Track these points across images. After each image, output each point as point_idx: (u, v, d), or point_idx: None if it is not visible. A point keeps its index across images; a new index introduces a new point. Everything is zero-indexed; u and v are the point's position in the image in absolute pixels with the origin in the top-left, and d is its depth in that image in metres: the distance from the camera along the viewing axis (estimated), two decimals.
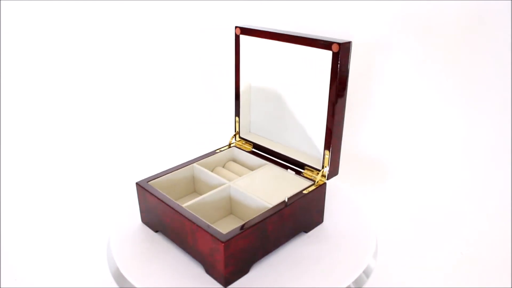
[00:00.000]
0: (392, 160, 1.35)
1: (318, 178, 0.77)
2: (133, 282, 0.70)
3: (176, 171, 0.83)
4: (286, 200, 0.72)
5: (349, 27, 1.27)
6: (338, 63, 0.69)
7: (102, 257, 1.02)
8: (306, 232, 0.80)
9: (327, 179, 0.78)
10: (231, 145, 0.93)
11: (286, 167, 0.85)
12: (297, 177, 0.82)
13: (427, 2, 1.20)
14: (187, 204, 0.74)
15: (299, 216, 0.76)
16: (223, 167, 0.92)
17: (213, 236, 0.64)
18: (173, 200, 0.73)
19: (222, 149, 0.92)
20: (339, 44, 0.68)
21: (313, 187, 0.76)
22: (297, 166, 0.84)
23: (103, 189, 1.32)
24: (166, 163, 0.90)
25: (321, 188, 0.78)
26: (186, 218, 0.68)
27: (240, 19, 1.30)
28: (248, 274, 0.70)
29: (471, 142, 1.31)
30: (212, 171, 0.89)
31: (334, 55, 0.69)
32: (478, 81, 1.27)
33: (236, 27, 0.84)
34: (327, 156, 0.76)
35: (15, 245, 1.12)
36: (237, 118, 0.92)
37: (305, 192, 0.75)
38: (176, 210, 0.70)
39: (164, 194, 0.75)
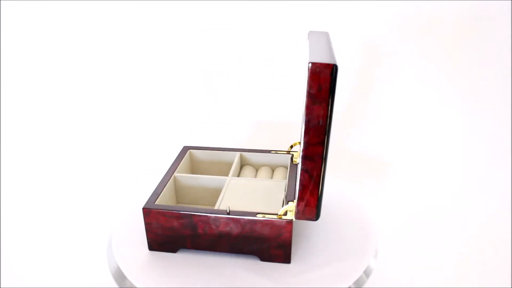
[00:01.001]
0: (392, 160, 1.35)
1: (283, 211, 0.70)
2: (133, 282, 0.70)
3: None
4: (228, 210, 0.71)
5: (349, 27, 1.27)
6: None
7: (102, 257, 0.98)
8: (261, 260, 0.74)
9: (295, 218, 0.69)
10: (290, 152, 0.90)
11: None
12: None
13: (427, 2, 1.20)
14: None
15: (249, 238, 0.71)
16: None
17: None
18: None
19: (279, 152, 0.91)
20: None
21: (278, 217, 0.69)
22: None
23: (103, 189, 1.32)
24: (167, 162, 0.91)
25: (285, 225, 0.69)
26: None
27: (239, 20, 1.31)
28: None
29: (471, 142, 1.32)
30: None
31: None
32: (478, 81, 1.28)
33: None
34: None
35: (15, 245, 1.12)
36: None
37: (265, 217, 0.69)
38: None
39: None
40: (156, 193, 0.76)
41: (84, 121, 1.40)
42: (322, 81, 0.54)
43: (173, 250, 0.74)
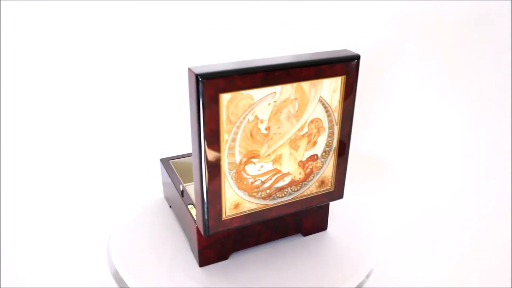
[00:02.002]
0: (392, 160, 1.34)
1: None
2: (133, 282, 0.69)
3: None
4: (181, 188, 0.76)
5: (349, 27, 1.26)
6: None
7: (102, 257, 0.99)
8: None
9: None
10: None
11: None
12: None
13: (427, 2, 1.20)
14: None
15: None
16: None
17: None
18: None
19: None
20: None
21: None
22: None
23: (103, 189, 1.31)
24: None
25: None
26: None
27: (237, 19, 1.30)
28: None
29: (471, 142, 1.31)
30: None
31: None
32: (479, 83, 1.27)
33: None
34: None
35: (15, 245, 1.11)
36: None
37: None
38: None
39: None
40: None
41: (83, 121, 1.39)
42: None
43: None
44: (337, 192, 0.74)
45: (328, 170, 0.71)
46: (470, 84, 1.29)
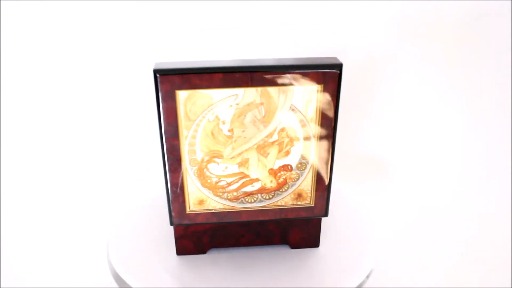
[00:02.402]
0: (392, 160, 1.35)
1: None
2: (133, 282, 0.69)
3: None
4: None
5: (349, 27, 1.26)
6: None
7: (102, 257, 1.00)
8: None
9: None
10: None
11: None
12: None
13: (427, 2, 1.19)
14: None
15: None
16: None
17: None
18: None
19: None
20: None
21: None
22: None
23: (103, 188, 1.31)
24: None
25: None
26: None
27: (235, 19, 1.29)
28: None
29: (471, 142, 1.31)
30: None
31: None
32: (478, 81, 1.26)
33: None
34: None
35: (15, 245, 1.11)
36: None
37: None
38: None
39: None
40: None
41: (82, 121, 1.37)
42: None
43: None
44: (319, 209, 0.69)
45: (306, 183, 0.66)
46: (470, 84, 1.28)
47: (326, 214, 0.70)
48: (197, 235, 0.74)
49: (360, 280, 0.71)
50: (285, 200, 0.67)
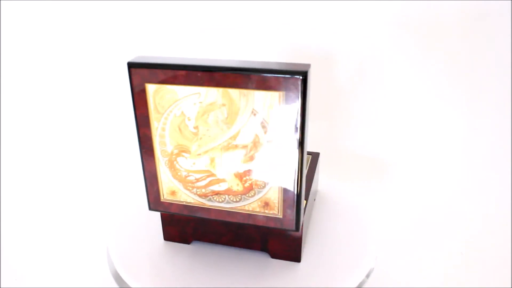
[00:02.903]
0: (392, 160, 1.35)
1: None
2: (133, 282, 0.70)
3: None
4: None
5: (348, 26, 1.26)
6: None
7: (102, 257, 1.02)
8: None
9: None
10: None
11: None
12: None
13: (426, 2, 1.19)
14: None
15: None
16: None
17: None
18: None
19: None
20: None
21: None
22: None
23: (103, 188, 1.32)
24: None
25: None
26: None
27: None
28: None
29: (471, 142, 1.32)
30: None
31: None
32: (477, 81, 1.26)
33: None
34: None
35: (15, 245, 1.11)
36: None
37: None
38: None
39: None
40: None
41: (84, 120, 1.40)
42: None
43: None
44: (288, 222, 0.65)
45: (272, 193, 0.64)
46: (470, 84, 1.29)
47: (296, 229, 0.66)
48: (181, 225, 0.77)
49: (360, 280, 0.71)
50: (252, 206, 0.66)
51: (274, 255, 0.75)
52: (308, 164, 0.86)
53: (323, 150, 1.25)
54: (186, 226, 0.77)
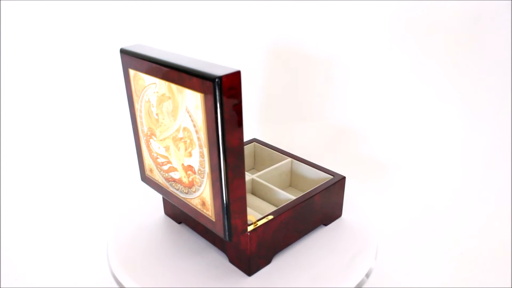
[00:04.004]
0: (392, 160, 1.38)
1: None
2: (133, 282, 0.71)
3: None
4: None
5: (348, 27, 1.30)
6: None
7: (102, 257, 1.03)
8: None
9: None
10: None
11: None
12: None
13: (426, 2, 1.24)
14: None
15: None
16: None
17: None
18: None
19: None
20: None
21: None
22: None
23: (103, 188, 1.32)
24: None
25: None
26: None
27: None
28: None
29: (471, 142, 1.37)
30: None
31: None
32: (478, 82, 1.31)
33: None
34: None
35: (15, 245, 1.11)
36: None
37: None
38: None
39: None
40: None
41: (85, 120, 1.40)
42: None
43: None
44: (219, 227, 0.63)
45: (206, 193, 0.63)
46: (470, 84, 1.32)
47: (228, 238, 0.64)
48: (171, 205, 0.83)
49: (360, 279, 0.71)
50: (195, 201, 0.67)
51: (231, 260, 0.73)
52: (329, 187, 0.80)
53: (323, 150, 1.28)
54: (174, 207, 0.83)
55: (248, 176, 0.85)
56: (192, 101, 0.58)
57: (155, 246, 0.78)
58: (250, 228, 0.67)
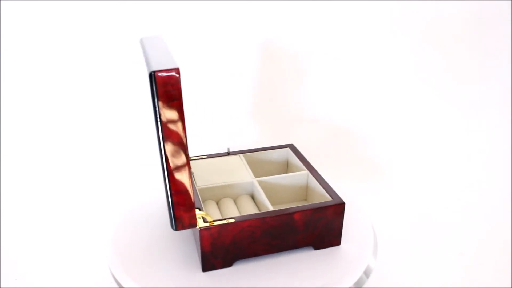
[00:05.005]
0: (392, 159, 1.38)
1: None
2: (132, 282, 0.70)
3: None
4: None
5: (348, 26, 1.30)
6: None
7: (102, 257, 1.03)
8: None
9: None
10: None
11: None
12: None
13: (426, 2, 1.24)
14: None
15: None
16: None
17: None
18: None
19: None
20: None
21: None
22: None
23: (103, 188, 1.33)
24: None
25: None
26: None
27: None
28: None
29: (471, 142, 1.37)
30: None
31: None
32: (478, 82, 1.33)
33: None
34: None
35: (15, 245, 1.11)
36: None
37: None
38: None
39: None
40: None
41: (85, 119, 1.38)
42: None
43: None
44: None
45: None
46: (470, 84, 1.33)
47: (173, 227, 0.65)
48: None
49: (360, 280, 0.71)
50: None
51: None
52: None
53: (323, 150, 1.27)
54: None
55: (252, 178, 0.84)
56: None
57: (155, 246, 0.79)
58: (204, 225, 0.68)
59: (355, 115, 1.41)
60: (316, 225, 0.74)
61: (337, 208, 0.74)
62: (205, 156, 0.91)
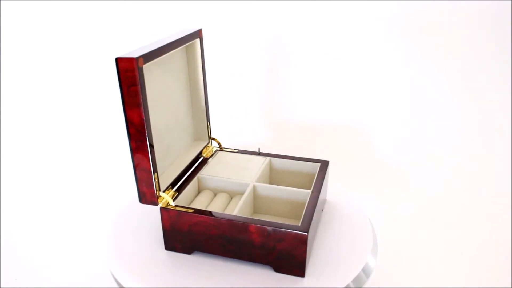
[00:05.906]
0: (392, 159, 1.39)
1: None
2: (132, 282, 0.71)
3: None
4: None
5: (349, 26, 1.31)
6: None
7: (102, 257, 1.04)
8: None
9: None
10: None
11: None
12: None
13: (427, 2, 1.25)
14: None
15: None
16: None
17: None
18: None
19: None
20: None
21: None
22: None
23: (103, 188, 1.32)
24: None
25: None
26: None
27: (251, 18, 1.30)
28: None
29: (471, 142, 1.37)
30: None
31: None
32: (478, 82, 1.32)
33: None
34: None
35: (15, 245, 1.11)
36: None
37: None
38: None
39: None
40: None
41: (86, 120, 1.40)
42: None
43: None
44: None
45: None
46: (470, 84, 1.33)
47: (139, 199, 0.73)
48: None
49: (360, 279, 0.71)
50: None
51: None
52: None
53: (330, 155, 1.24)
54: None
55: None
56: None
57: (155, 245, 0.79)
58: (165, 206, 0.73)
59: (355, 115, 1.41)
60: (275, 246, 0.69)
61: (298, 236, 0.66)
62: (236, 151, 0.92)
